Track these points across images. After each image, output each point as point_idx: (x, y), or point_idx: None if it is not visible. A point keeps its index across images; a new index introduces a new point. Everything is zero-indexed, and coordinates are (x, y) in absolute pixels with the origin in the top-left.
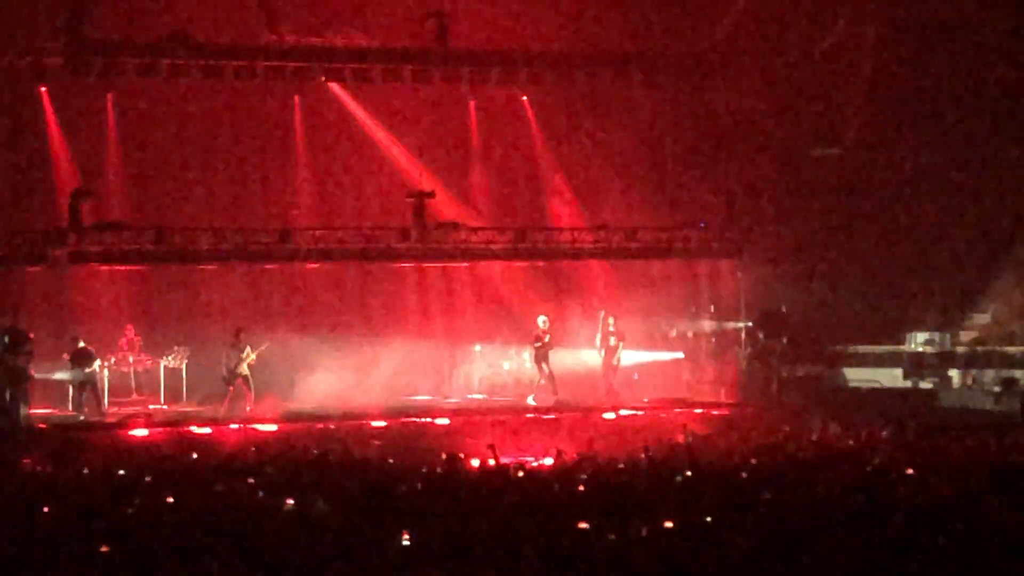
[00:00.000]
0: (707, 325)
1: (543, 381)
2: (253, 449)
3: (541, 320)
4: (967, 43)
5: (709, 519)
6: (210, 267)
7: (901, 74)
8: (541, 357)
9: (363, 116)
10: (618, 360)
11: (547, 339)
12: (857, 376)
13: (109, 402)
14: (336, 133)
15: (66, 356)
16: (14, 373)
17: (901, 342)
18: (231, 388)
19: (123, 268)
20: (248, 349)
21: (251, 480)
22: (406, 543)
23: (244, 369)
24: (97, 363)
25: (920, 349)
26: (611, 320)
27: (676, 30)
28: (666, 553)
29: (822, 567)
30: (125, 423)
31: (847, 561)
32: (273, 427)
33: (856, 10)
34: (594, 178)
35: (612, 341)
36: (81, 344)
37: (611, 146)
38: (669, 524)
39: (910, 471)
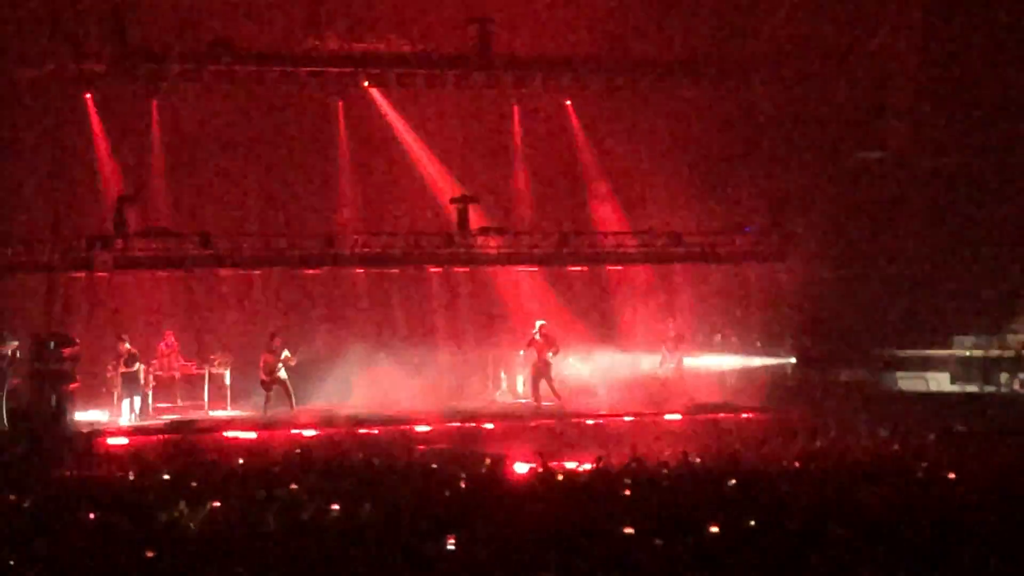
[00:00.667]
0: (752, 329)
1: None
2: (297, 454)
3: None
4: (1013, 44)
5: (754, 524)
6: (254, 272)
7: (946, 77)
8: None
9: (406, 122)
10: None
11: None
12: (904, 381)
13: (153, 408)
14: (379, 139)
15: (121, 358)
16: (59, 378)
17: (948, 346)
18: (269, 392)
19: (168, 273)
20: (286, 352)
21: (294, 486)
22: (451, 548)
23: (282, 372)
24: (138, 367)
25: (967, 353)
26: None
27: (719, 34)
28: (711, 559)
29: (867, 573)
30: (170, 428)
31: (892, 567)
32: (316, 432)
33: (900, 13)
34: (638, 182)
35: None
36: (127, 346)
37: (654, 150)
38: (714, 529)
39: (952, 475)
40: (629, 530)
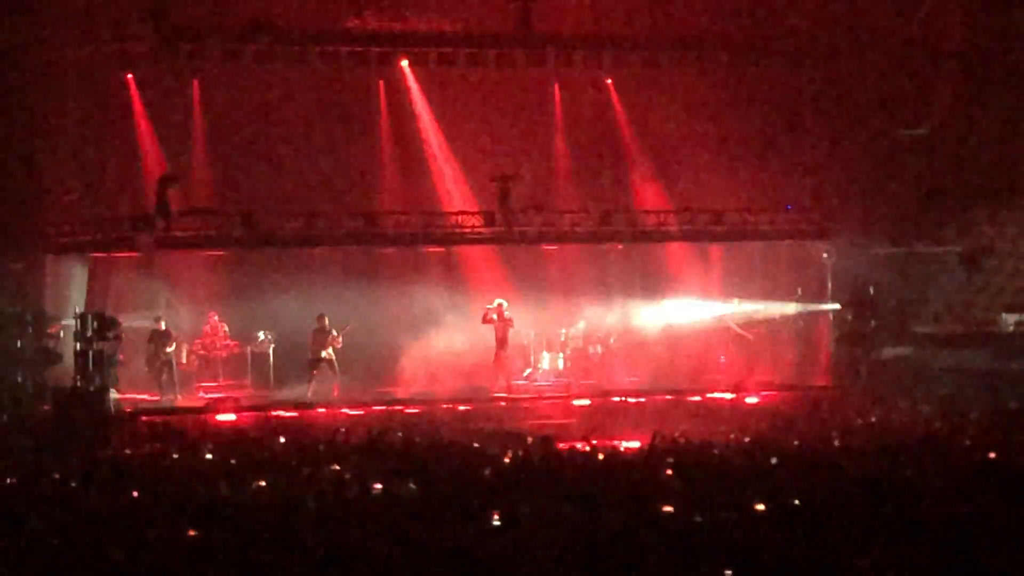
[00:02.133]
0: (794, 308)
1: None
2: (340, 433)
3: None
4: None
5: (798, 502)
6: (296, 251)
7: (989, 52)
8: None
9: (446, 100)
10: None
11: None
12: (947, 358)
13: (196, 387)
14: (420, 117)
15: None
16: (101, 358)
17: (992, 323)
18: (315, 372)
19: (210, 253)
20: (333, 332)
21: (337, 465)
22: (497, 523)
23: (329, 352)
24: (172, 346)
25: (1012, 330)
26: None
27: (761, 11)
28: (755, 537)
29: (911, 550)
30: (213, 408)
31: (939, 543)
32: (360, 411)
33: None
34: (678, 161)
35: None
36: (163, 325)
37: (695, 128)
38: (760, 507)
39: (993, 455)
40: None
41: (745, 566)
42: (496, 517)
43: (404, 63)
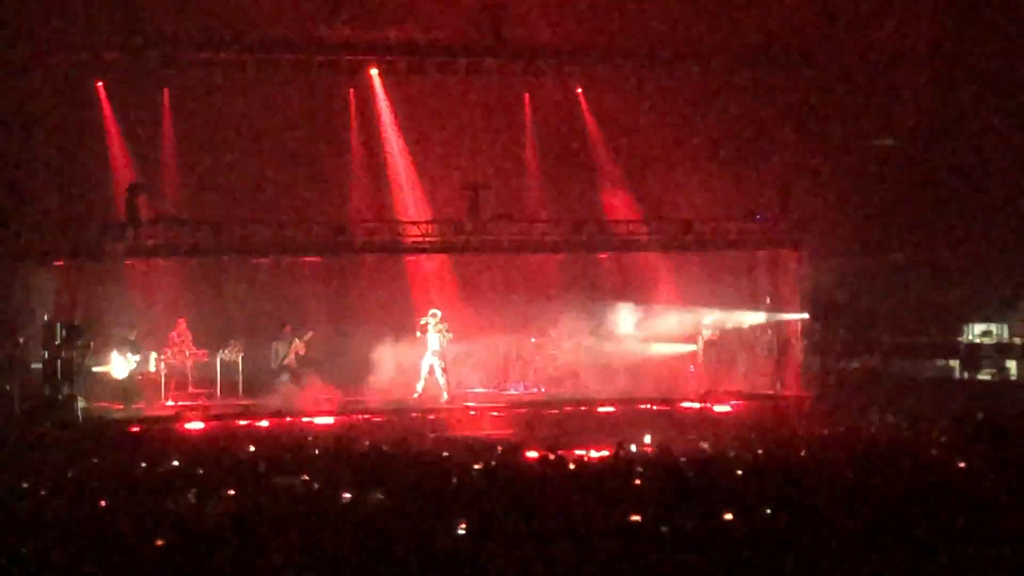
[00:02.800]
0: (763, 317)
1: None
2: (308, 442)
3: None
4: None
5: (769, 512)
6: (266, 261)
7: (959, 62)
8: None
9: (417, 109)
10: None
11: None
12: (915, 367)
13: (165, 395)
14: (390, 126)
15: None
16: (70, 367)
17: (959, 333)
18: (282, 380)
19: (179, 262)
20: (296, 340)
21: (306, 475)
22: (462, 532)
23: (294, 361)
24: (137, 357)
25: (978, 340)
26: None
27: (730, 21)
28: (722, 546)
29: (875, 560)
30: (181, 416)
31: (903, 553)
32: (329, 420)
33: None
34: (649, 170)
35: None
36: (132, 337)
37: (665, 137)
38: (728, 517)
39: (962, 464)
40: (636, 517)
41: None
42: (463, 526)
43: (374, 71)
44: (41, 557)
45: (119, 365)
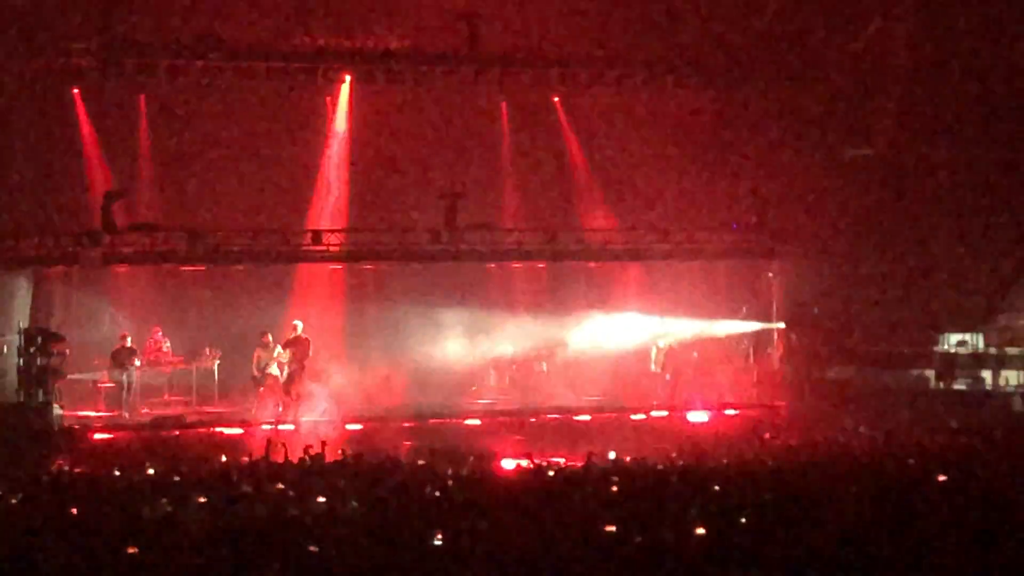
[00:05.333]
0: (739, 327)
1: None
2: (283, 449)
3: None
4: (1002, 44)
5: (744, 521)
6: (242, 268)
7: (935, 75)
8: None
9: (394, 118)
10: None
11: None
12: (890, 377)
13: (142, 403)
14: (367, 134)
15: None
16: (46, 373)
17: (934, 343)
18: (261, 389)
19: (155, 269)
20: (279, 349)
21: (280, 483)
22: (438, 543)
23: (274, 369)
24: (137, 363)
25: (953, 350)
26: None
27: (708, 32)
28: (692, 557)
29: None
30: (156, 424)
31: (874, 566)
32: (304, 428)
33: (887, 9)
34: (625, 179)
35: (663, 343)
36: (129, 343)
37: (642, 147)
38: (701, 531)
39: (942, 477)
40: (611, 528)
41: None
42: (438, 537)
43: (347, 79)
44: (10, 563)
45: None
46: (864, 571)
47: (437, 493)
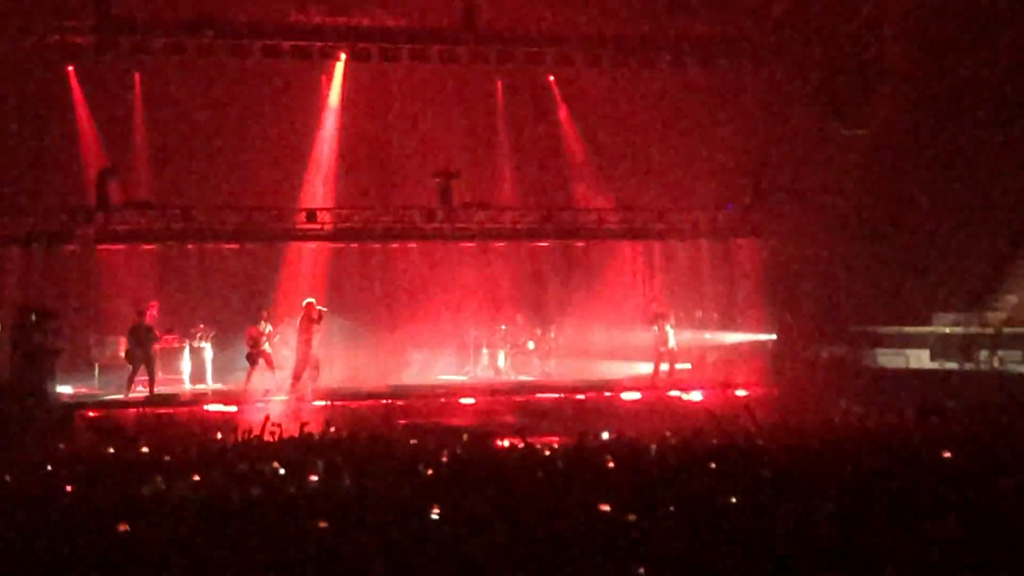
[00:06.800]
0: (731, 307)
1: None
2: (277, 428)
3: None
4: (999, 23)
5: (734, 500)
6: (236, 246)
7: (931, 54)
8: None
9: (389, 96)
10: (668, 343)
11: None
12: (883, 358)
13: (137, 381)
14: (362, 113)
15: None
16: (41, 352)
17: (928, 323)
18: (254, 367)
19: (149, 247)
20: (270, 327)
21: (275, 462)
22: (435, 516)
23: (266, 346)
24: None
25: (947, 330)
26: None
27: (704, 11)
28: (681, 537)
29: (839, 554)
30: (150, 401)
31: (865, 547)
32: (298, 406)
33: None
34: (621, 159)
35: (660, 323)
36: (146, 319)
37: (638, 126)
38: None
39: (946, 454)
40: (605, 507)
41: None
42: (435, 510)
43: (343, 57)
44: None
45: None
46: (860, 548)
47: (430, 472)
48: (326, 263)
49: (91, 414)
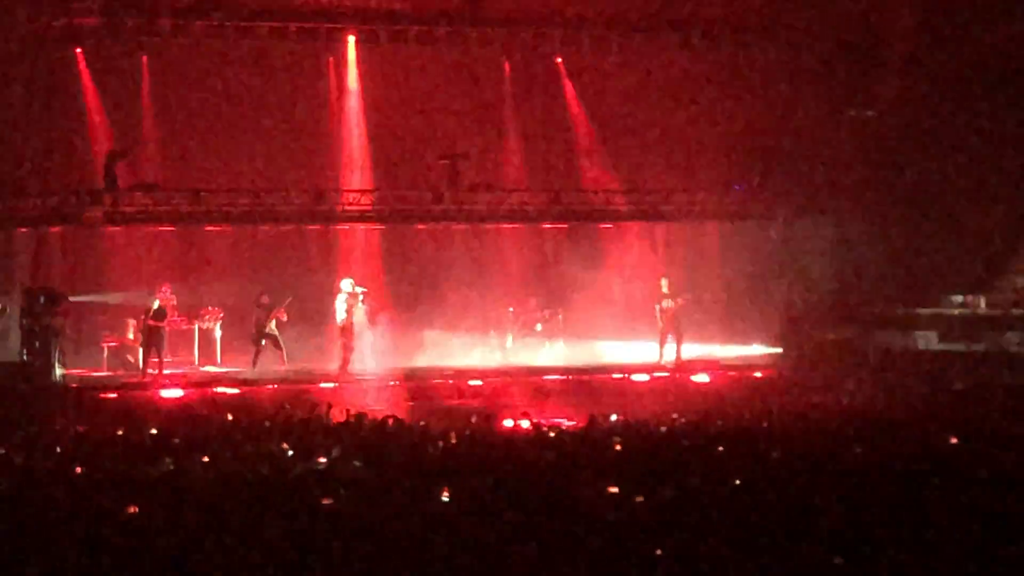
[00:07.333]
0: (740, 288)
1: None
2: (286, 409)
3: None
4: (1008, 3)
5: (739, 482)
6: (244, 228)
7: (939, 37)
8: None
9: (396, 78)
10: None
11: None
12: (891, 339)
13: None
14: (370, 95)
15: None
16: (49, 333)
17: (936, 304)
18: (259, 348)
19: (157, 229)
20: (275, 307)
21: (284, 443)
22: (445, 500)
23: (273, 328)
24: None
25: (955, 311)
26: (664, 282)
27: None
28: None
29: (848, 534)
30: (160, 383)
31: (876, 527)
32: (305, 387)
33: None
34: (628, 140)
35: (666, 304)
36: (157, 302)
37: (645, 108)
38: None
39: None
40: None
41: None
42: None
43: (351, 39)
44: (13, 522)
45: None
46: (867, 532)
47: (439, 451)
48: (334, 245)
49: (98, 395)
